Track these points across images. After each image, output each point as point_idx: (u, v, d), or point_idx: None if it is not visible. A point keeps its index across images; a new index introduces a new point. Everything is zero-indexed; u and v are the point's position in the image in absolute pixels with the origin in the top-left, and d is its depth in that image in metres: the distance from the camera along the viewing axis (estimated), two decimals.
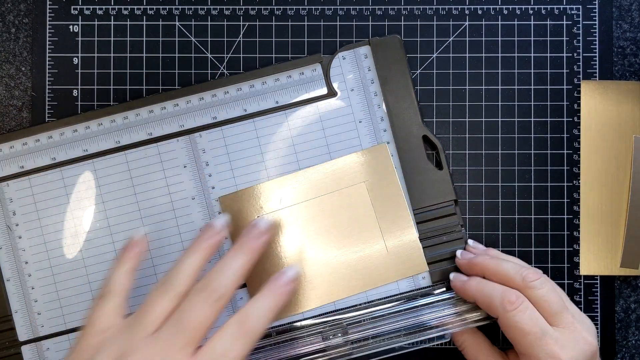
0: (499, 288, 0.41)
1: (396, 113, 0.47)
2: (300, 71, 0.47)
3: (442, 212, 0.46)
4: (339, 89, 0.47)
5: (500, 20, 0.48)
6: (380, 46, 0.47)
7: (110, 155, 0.46)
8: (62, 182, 0.46)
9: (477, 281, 0.42)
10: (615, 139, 0.47)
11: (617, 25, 0.48)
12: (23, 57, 0.48)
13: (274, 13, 0.48)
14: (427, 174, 0.46)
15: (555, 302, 0.40)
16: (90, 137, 0.46)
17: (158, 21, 0.48)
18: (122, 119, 0.46)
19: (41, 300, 0.46)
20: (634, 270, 0.46)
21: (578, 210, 0.47)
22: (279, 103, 0.47)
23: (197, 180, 0.46)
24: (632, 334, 0.48)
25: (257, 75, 0.47)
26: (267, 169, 0.46)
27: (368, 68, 0.47)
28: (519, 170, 0.48)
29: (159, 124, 0.46)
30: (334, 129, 0.47)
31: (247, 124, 0.47)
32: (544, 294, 0.40)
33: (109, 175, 0.46)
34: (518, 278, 0.40)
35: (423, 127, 0.47)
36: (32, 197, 0.46)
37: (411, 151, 0.46)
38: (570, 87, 0.48)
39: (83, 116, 0.46)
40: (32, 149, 0.46)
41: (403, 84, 0.47)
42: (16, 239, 0.46)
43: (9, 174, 0.46)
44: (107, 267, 0.45)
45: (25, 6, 0.48)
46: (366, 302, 0.46)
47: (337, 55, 0.47)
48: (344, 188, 0.46)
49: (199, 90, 0.46)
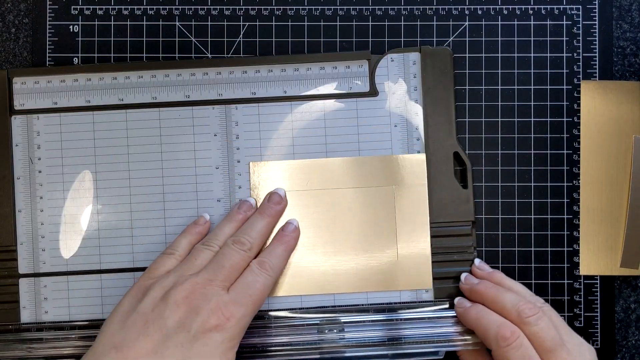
0: (496, 321, 0.41)
1: (432, 124, 0.47)
2: (347, 64, 0.47)
3: (458, 230, 0.46)
4: (381, 90, 0.47)
5: (500, 20, 0.48)
6: (430, 56, 0.47)
7: (144, 109, 0.47)
8: (92, 125, 0.47)
9: (477, 310, 0.42)
10: (615, 139, 0.47)
11: (617, 25, 0.48)
12: (23, 57, 0.48)
13: (274, 13, 0.48)
14: (451, 191, 0.46)
15: (550, 338, 0.40)
16: (128, 87, 0.47)
17: (158, 21, 0.48)
18: (164, 76, 0.47)
19: (48, 238, 0.46)
20: (634, 270, 0.46)
21: (578, 210, 0.47)
22: (319, 91, 0.47)
23: (224, 151, 0.47)
24: (632, 334, 0.48)
25: (303, 60, 0.47)
26: (295, 154, 0.47)
27: (414, 75, 0.47)
28: (519, 170, 0.48)
29: (197, 89, 0.47)
30: (369, 127, 0.47)
31: (284, 105, 0.47)
32: (538, 331, 0.40)
33: (140, 129, 0.47)
34: (514, 312, 0.41)
35: (456, 144, 0.47)
36: (59, 135, 0.47)
37: (440, 165, 0.47)
38: (570, 87, 0.48)
39: (126, 65, 0.47)
40: (69, 88, 0.47)
41: (445, 97, 0.47)
42: (35, 173, 0.46)
43: (42, 107, 0.47)
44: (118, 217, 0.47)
45: (25, 6, 0.48)
46: (366, 304, 0.46)
47: (385, 56, 0.47)
48: (372, 187, 0.46)
49: (243, 63, 0.47)
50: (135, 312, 0.40)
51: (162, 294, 0.40)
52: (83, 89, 0.47)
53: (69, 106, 0.47)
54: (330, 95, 0.47)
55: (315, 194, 0.46)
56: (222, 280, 0.41)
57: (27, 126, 0.47)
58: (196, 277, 0.40)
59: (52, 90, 0.47)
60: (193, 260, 0.42)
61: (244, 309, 0.40)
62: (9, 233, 0.46)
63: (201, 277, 0.40)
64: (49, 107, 0.47)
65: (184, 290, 0.39)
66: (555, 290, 0.47)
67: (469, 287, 0.45)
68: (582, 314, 0.47)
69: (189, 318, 0.38)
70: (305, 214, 0.46)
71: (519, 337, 0.40)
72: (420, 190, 0.46)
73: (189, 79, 0.47)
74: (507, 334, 0.39)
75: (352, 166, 0.46)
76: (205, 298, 0.39)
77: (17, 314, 0.46)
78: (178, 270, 0.42)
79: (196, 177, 0.47)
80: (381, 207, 0.46)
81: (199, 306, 0.39)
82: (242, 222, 0.45)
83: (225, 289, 0.40)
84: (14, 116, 0.47)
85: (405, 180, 0.46)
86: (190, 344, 0.38)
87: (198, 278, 0.40)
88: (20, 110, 0.47)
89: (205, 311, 0.39)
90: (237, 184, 0.47)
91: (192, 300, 0.39)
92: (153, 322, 0.39)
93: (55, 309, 0.46)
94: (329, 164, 0.47)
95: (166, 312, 0.39)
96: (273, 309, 0.46)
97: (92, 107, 0.47)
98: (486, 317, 0.41)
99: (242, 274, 0.42)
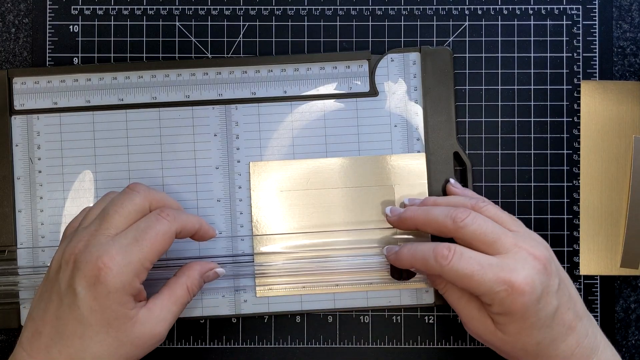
0: (429, 247, 0.39)
1: (432, 125, 0.47)
2: (347, 64, 0.47)
3: None
4: (381, 90, 0.47)
5: (500, 20, 0.48)
6: (430, 56, 0.47)
7: (144, 109, 0.47)
8: (92, 125, 0.47)
9: (407, 248, 0.41)
10: (615, 139, 0.47)
11: (617, 25, 0.48)
12: (23, 57, 0.48)
13: (274, 13, 0.48)
14: None
15: (490, 231, 0.39)
16: (129, 87, 0.47)
17: (158, 21, 0.48)
18: (164, 76, 0.47)
19: (48, 238, 0.46)
20: (634, 270, 0.46)
21: (578, 210, 0.47)
22: (319, 91, 0.47)
23: (225, 151, 0.47)
24: (632, 334, 0.48)
25: (303, 60, 0.47)
26: (295, 154, 0.47)
27: (414, 75, 0.47)
28: (519, 170, 0.48)
29: (197, 89, 0.47)
30: (368, 127, 0.47)
31: (284, 105, 0.47)
32: (476, 229, 0.39)
33: (140, 129, 0.47)
34: (449, 222, 0.40)
35: (456, 144, 0.47)
36: (60, 135, 0.47)
37: (440, 165, 0.47)
38: (570, 87, 0.48)
39: (126, 65, 0.47)
40: (69, 88, 0.47)
41: (445, 97, 0.47)
42: (35, 173, 0.47)
43: (42, 107, 0.47)
44: None
45: (25, 6, 0.48)
46: (366, 305, 0.46)
47: (385, 56, 0.47)
48: (372, 186, 0.46)
49: (243, 63, 0.47)
50: (45, 281, 0.39)
51: (60, 255, 0.38)
52: (83, 89, 0.47)
53: (69, 106, 0.47)
54: (330, 95, 0.47)
55: (315, 193, 0.46)
56: (108, 229, 0.38)
57: (27, 126, 0.47)
58: (84, 230, 0.38)
59: (52, 90, 0.47)
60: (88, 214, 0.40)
61: (128, 255, 0.37)
62: (9, 233, 0.46)
63: (87, 230, 0.38)
64: (49, 107, 0.47)
65: (71, 247, 0.37)
66: None
67: (396, 217, 0.43)
68: None
69: (73, 276, 0.37)
70: (305, 214, 0.46)
71: (457, 247, 0.39)
72: (420, 190, 0.46)
73: (189, 79, 0.47)
74: (445, 251, 0.38)
75: (352, 166, 0.46)
76: (86, 250, 0.37)
77: (17, 315, 0.46)
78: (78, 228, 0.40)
79: (196, 177, 0.47)
80: (381, 207, 0.46)
81: (80, 261, 0.37)
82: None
83: (111, 237, 0.38)
84: (14, 116, 0.47)
85: (405, 180, 0.46)
86: (78, 302, 0.36)
87: (84, 231, 0.38)
88: (20, 111, 0.47)
89: (84, 264, 0.36)
90: (237, 184, 0.47)
91: (76, 256, 0.37)
92: (53, 286, 0.38)
93: None
94: (329, 164, 0.47)
95: (60, 274, 0.37)
96: (273, 310, 0.46)
97: (92, 107, 0.47)
98: (419, 248, 0.40)
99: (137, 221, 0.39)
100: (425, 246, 0.40)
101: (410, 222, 0.42)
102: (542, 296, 0.38)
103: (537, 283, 0.37)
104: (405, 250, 0.41)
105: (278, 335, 0.47)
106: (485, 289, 0.37)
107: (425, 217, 0.41)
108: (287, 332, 0.47)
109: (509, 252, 0.38)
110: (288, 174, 0.46)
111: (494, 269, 0.37)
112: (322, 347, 0.47)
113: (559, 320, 0.38)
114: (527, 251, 0.38)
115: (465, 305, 0.41)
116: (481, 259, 0.38)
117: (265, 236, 0.46)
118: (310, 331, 0.47)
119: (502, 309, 0.38)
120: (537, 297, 0.37)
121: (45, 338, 0.37)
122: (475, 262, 0.38)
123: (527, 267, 0.38)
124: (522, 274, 0.37)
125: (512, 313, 0.37)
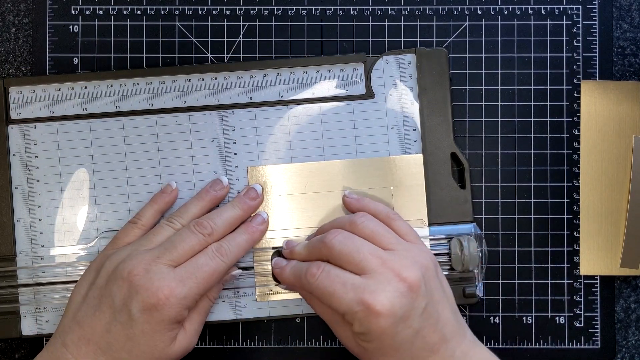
0: (305, 265, 0.40)
1: (429, 126, 0.47)
2: (343, 67, 0.47)
3: None
4: (377, 92, 0.47)
5: (500, 20, 0.48)
6: (425, 57, 0.47)
7: (141, 116, 0.47)
8: (89, 133, 0.47)
9: (290, 266, 0.42)
10: (615, 139, 0.47)
11: (617, 25, 0.48)
12: (23, 57, 0.48)
13: (274, 13, 0.48)
14: (449, 191, 0.46)
15: (356, 251, 0.39)
16: (125, 94, 0.47)
17: (158, 21, 0.48)
18: (160, 82, 0.47)
19: (47, 247, 0.46)
20: (634, 270, 0.47)
21: (578, 210, 0.47)
22: (315, 95, 0.47)
23: (222, 156, 0.47)
24: (632, 334, 0.48)
25: (299, 64, 0.47)
26: (292, 157, 0.47)
27: (410, 76, 0.47)
28: (519, 170, 0.48)
29: (194, 94, 0.47)
30: (365, 130, 0.47)
31: (280, 109, 0.47)
32: (342, 249, 0.39)
33: (137, 136, 0.47)
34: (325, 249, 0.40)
35: (453, 145, 0.47)
36: (57, 144, 0.47)
37: (437, 165, 0.47)
38: (570, 87, 0.48)
39: (122, 73, 0.47)
40: (65, 96, 0.47)
41: (441, 97, 0.47)
42: (33, 182, 0.46)
43: (38, 116, 0.46)
44: (117, 224, 0.46)
45: (25, 6, 0.48)
46: None
47: (381, 58, 0.47)
48: (370, 188, 0.46)
49: (240, 68, 0.47)
50: (93, 286, 0.41)
51: (113, 268, 0.40)
52: (79, 97, 0.47)
53: (66, 114, 0.46)
54: (327, 98, 0.47)
55: (314, 197, 0.46)
56: (170, 259, 0.40)
57: (24, 135, 0.46)
58: (146, 253, 0.41)
59: (48, 99, 0.46)
60: (152, 236, 0.43)
61: (186, 290, 0.40)
62: (8, 242, 0.46)
63: (150, 254, 0.40)
64: (45, 116, 0.46)
65: (129, 266, 0.40)
66: (555, 290, 0.47)
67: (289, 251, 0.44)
68: (582, 314, 0.47)
69: (130, 297, 0.39)
70: (304, 217, 0.46)
71: (325, 266, 0.39)
72: (417, 191, 0.46)
73: (185, 85, 0.47)
74: (314, 269, 0.39)
75: (349, 168, 0.46)
76: (147, 276, 0.39)
77: (17, 324, 0.46)
78: (135, 244, 0.42)
79: (194, 183, 0.47)
80: None
81: (139, 284, 0.39)
82: (211, 202, 0.45)
83: (172, 267, 0.40)
84: (10, 125, 0.46)
85: (403, 181, 0.46)
86: (132, 322, 0.39)
87: (147, 254, 0.40)
88: (17, 120, 0.46)
89: (143, 290, 0.39)
90: (236, 189, 0.47)
91: (134, 277, 0.39)
92: (105, 297, 0.40)
93: (56, 318, 0.46)
94: (326, 166, 0.46)
95: (114, 288, 0.40)
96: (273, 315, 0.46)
97: (89, 115, 0.47)
98: (297, 266, 0.41)
99: (196, 254, 0.41)
100: (303, 264, 0.41)
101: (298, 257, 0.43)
102: (402, 319, 0.37)
103: (396, 306, 0.37)
104: (287, 269, 0.42)
105: (278, 335, 0.47)
106: (345, 308, 0.38)
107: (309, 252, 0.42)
108: (287, 332, 0.47)
109: (374, 272, 0.38)
110: (286, 178, 0.46)
111: (355, 289, 0.38)
112: (322, 347, 0.47)
113: (419, 343, 0.38)
114: (393, 272, 0.38)
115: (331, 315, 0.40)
116: (346, 278, 0.38)
117: (264, 240, 0.46)
118: (310, 331, 0.47)
119: (361, 329, 0.38)
120: (395, 320, 0.37)
121: (94, 346, 0.39)
122: (339, 280, 0.38)
123: (388, 289, 0.37)
124: (382, 296, 0.37)
125: (370, 333, 0.38)
